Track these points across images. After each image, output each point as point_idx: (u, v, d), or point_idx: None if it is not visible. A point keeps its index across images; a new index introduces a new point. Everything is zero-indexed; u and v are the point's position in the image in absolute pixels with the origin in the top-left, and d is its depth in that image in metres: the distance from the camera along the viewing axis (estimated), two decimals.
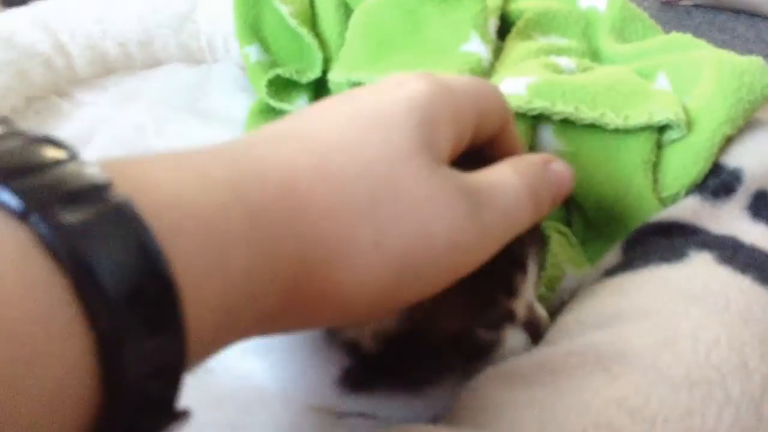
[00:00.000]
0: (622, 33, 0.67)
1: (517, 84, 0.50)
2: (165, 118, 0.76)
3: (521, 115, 0.49)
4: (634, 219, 0.47)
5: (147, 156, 0.24)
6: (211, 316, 0.22)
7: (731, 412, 0.30)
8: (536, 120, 0.50)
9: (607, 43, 0.64)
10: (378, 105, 0.29)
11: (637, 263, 0.41)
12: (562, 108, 0.47)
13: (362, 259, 0.26)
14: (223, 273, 0.22)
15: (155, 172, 0.23)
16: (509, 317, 0.37)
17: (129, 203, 0.20)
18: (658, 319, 0.35)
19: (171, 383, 0.20)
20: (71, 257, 0.18)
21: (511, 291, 0.37)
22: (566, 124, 0.49)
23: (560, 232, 0.49)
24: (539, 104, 0.48)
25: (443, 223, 0.28)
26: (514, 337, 0.38)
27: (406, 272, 0.27)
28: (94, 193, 0.19)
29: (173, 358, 0.20)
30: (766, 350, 0.33)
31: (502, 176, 0.31)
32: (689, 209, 0.45)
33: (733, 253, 0.40)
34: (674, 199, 0.47)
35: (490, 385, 0.34)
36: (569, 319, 0.39)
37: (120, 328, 0.18)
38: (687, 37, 0.59)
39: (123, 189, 0.20)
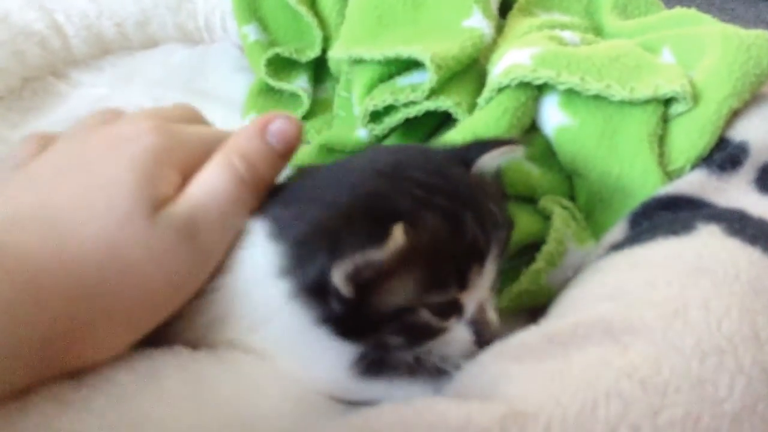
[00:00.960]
0: (624, 9, 0.66)
1: (522, 54, 0.49)
2: (163, 98, 0.75)
3: (524, 86, 0.49)
4: (640, 193, 0.47)
5: None
6: None
7: (743, 382, 0.30)
8: (540, 91, 0.50)
9: (609, 19, 0.64)
10: (106, 171, 0.33)
11: (645, 237, 0.41)
12: (568, 78, 0.47)
13: (100, 332, 0.31)
14: None
15: None
16: (457, 309, 0.37)
17: None
18: (667, 291, 0.35)
19: None
20: None
21: (463, 283, 0.36)
22: (571, 95, 0.49)
23: (564, 207, 0.48)
24: (544, 73, 0.47)
25: (166, 274, 0.32)
26: (459, 331, 0.38)
27: (140, 327, 0.33)
28: None
29: None
30: None
31: (211, 182, 0.34)
32: (696, 183, 0.44)
33: (741, 225, 0.39)
34: (680, 173, 0.47)
35: (499, 359, 0.34)
36: (575, 293, 0.38)
37: None
38: (691, 12, 0.58)
39: None
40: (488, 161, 0.39)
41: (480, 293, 0.38)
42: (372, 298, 0.35)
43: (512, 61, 0.49)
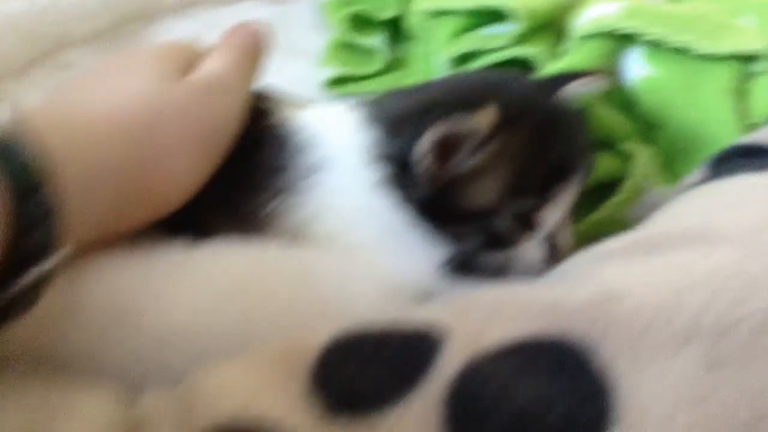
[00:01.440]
0: None
1: (610, 7, 0.51)
2: None
3: (609, 37, 0.51)
4: (717, 143, 0.48)
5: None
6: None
7: None
8: (623, 44, 0.51)
9: None
10: (135, 65, 0.42)
11: (725, 174, 0.42)
12: (654, 30, 0.49)
13: (166, 165, 0.38)
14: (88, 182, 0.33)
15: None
16: (534, 223, 0.39)
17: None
18: (751, 210, 0.36)
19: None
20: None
21: (545, 197, 0.39)
22: (655, 49, 0.50)
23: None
24: (632, 24, 0.49)
25: (200, 121, 0.39)
26: (532, 247, 0.40)
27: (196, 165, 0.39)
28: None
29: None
30: None
31: (214, 63, 0.42)
32: None
33: None
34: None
35: (583, 260, 0.36)
36: (658, 215, 0.40)
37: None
38: None
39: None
40: (574, 89, 0.41)
41: (558, 213, 0.39)
42: (455, 193, 0.37)
43: (600, 12, 0.51)
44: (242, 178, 0.41)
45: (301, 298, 0.38)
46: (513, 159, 0.37)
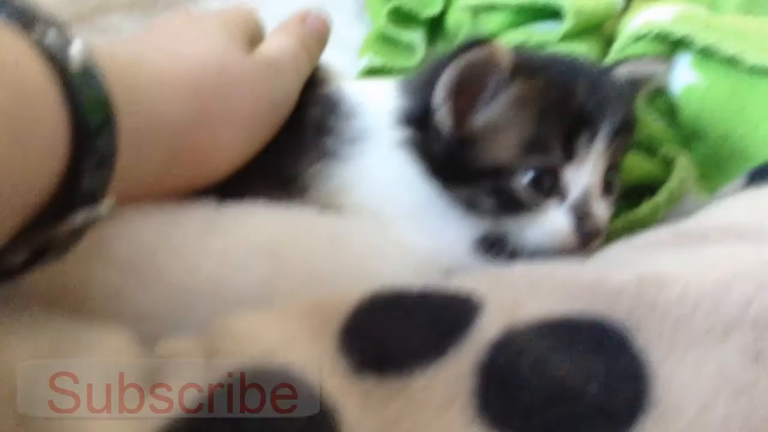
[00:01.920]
0: (749, 11, 0.67)
1: (665, 11, 0.51)
2: None
3: (660, 40, 0.50)
4: (758, 158, 0.47)
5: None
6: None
7: None
8: (674, 49, 0.51)
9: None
10: (206, 27, 0.41)
11: (762, 183, 0.41)
12: (707, 36, 0.48)
13: (220, 133, 0.37)
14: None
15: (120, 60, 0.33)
16: (558, 187, 0.37)
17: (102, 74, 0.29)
18: None
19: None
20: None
21: (569, 150, 0.37)
22: (705, 56, 0.50)
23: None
24: (684, 28, 0.48)
25: (263, 94, 0.39)
26: (557, 214, 0.38)
27: (249, 137, 0.39)
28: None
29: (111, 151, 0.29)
30: None
31: (282, 41, 0.43)
32: None
33: None
34: None
35: (630, 246, 0.35)
36: (702, 213, 0.39)
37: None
38: None
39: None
40: (630, 68, 0.41)
41: (587, 178, 0.38)
42: (473, 149, 0.37)
43: (653, 15, 0.51)
44: (289, 139, 0.40)
45: (330, 263, 0.37)
46: (530, 108, 0.36)
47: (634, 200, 0.47)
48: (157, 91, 0.34)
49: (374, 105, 0.42)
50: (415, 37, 0.77)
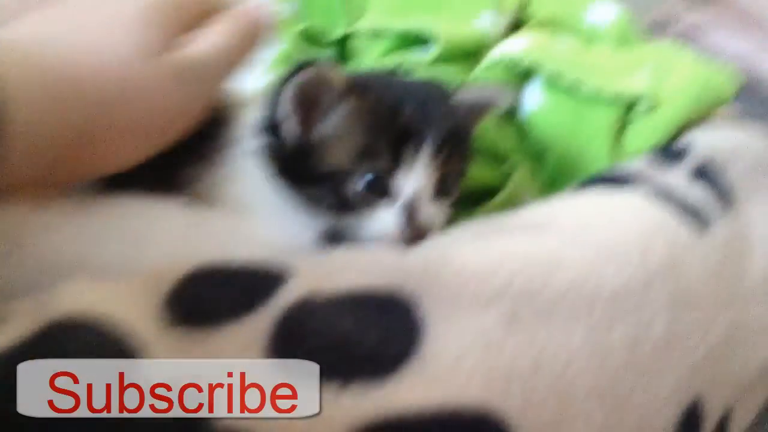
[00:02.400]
0: (619, 48, 0.75)
1: (517, 43, 0.58)
2: None
3: (512, 68, 0.57)
4: (590, 172, 0.54)
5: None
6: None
7: (624, 273, 0.37)
8: (526, 75, 0.57)
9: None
10: (121, 7, 0.39)
11: (579, 191, 0.48)
12: (548, 66, 0.55)
13: (112, 140, 0.38)
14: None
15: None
16: (387, 190, 0.43)
17: None
18: (583, 212, 0.42)
19: None
20: None
21: (397, 158, 0.42)
22: (550, 84, 0.56)
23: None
24: (531, 58, 0.55)
25: (164, 110, 0.38)
26: (388, 212, 0.43)
27: (140, 148, 0.39)
28: None
29: None
30: (669, 250, 0.40)
31: (213, 39, 0.40)
32: (637, 165, 0.52)
33: (664, 194, 0.46)
34: None
35: (439, 239, 0.41)
36: (514, 212, 0.45)
37: None
38: (676, 46, 0.66)
39: None
40: (472, 92, 0.47)
41: (414, 183, 0.43)
42: (313, 155, 0.43)
43: (507, 47, 0.57)
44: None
45: (187, 248, 0.42)
46: (362, 122, 0.42)
47: (474, 204, 0.53)
48: (53, 95, 0.35)
49: (244, 117, 0.47)
50: (321, 56, 0.83)
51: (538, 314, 0.34)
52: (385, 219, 0.43)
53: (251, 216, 0.45)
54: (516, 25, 0.75)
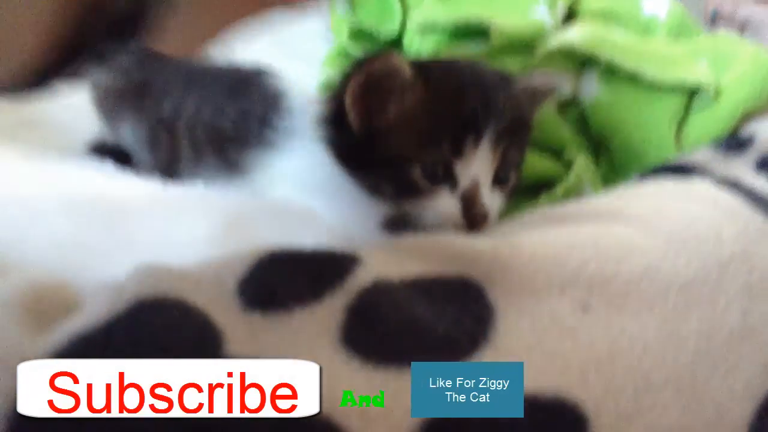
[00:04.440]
0: (676, 39, 0.74)
1: (574, 32, 0.57)
2: (251, 47, 0.84)
3: (569, 57, 0.56)
4: (654, 161, 0.53)
5: None
6: None
7: (698, 262, 0.36)
8: (583, 65, 0.57)
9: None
10: None
11: (646, 180, 0.47)
12: (609, 54, 0.54)
13: None
14: None
15: None
16: (448, 176, 0.43)
17: None
18: (652, 201, 0.41)
19: None
20: None
21: (458, 150, 0.43)
22: (609, 73, 0.56)
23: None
24: (590, 47, 0.54)
25: None
26: (447, 199, 0.43)
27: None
28: None
29: None
30: (743, 238, 0.39)
31: None
32: (702, 156, 0.51)
33: (731, 184, 0.45)
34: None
35: (505, 225, 0.41)
36: (579, 201, 0.45)
37: None
38: (733, 36, 0.65)
39: None
40: (531, 80, 0.46)
41: (475, 170, 0.43)
42: (376, 142, 0.43)
43: (564, 36, 0.57)
44: (236, 130, 0.46)
45: (256, 235, 0.43)
46: (427, 110, 0.42)
47: (536, 195, 0.52)
48: None
49: (306, 107, 0.48)
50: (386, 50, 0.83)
51: (611, 302, 0.34)
52: (445, 205, 0.43)
53: (315, 204, 0.45)
54: (568, 18, 0.75)
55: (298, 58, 0.86)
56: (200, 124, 0.51)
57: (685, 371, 0.34)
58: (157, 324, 0.29)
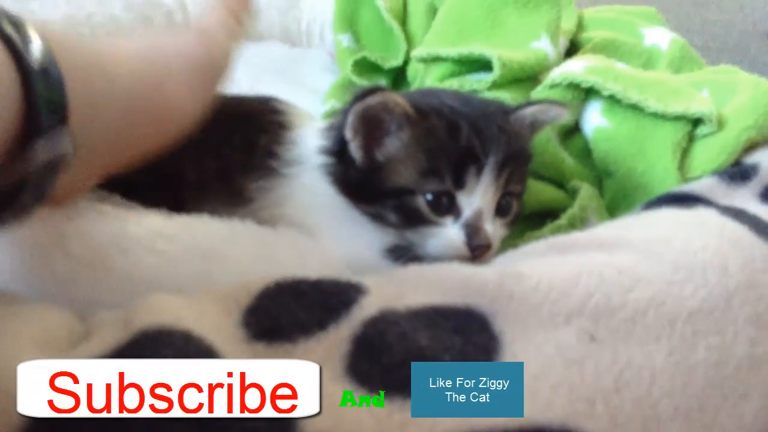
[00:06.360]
0: (678, 70, 0.74)
1: (577, 64, 0.57)
2: (259, 78, 0.85)
3: (573, 88, 0.56)
4: (656, 191, 0.53)
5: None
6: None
7: (704, 291, 0.36)
8: (587, 96, 0.57)
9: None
10: None
11: (651, 209, 0.47)
12: (612, 86, 0.55)
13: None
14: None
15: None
16: (452, 207, 0.44)
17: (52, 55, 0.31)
18: (657, 229, 0.41)
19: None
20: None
21: (460, 181, 0.43)
22: (612, 103, 0.56)
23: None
24: (593, 78, 0.55)
25: (202, 51, 0.40)
26: (452, 228, 0.44)
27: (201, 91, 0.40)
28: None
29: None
30: (749, 267, 0.38)
31: (213, 16, 0.43)
32: (706, 186, 0.51)
33: (736, 213, 0.45)
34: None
35: (508, 255, 0.41)
36: (583, 231, 0.45)
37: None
38: (733, 68, 0.66)
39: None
40: (531, 110, 0.47)
41: (478, 201, 0.44)
42: (380, 174, 0.44)
43: (568, 68, 0.57)
44: (241, 159, 0.47)
45: (256, 265, 0.43)
46: (424, 145, 0.43)
47: (542, 223, 0.52)
48: (99, 63, 0.35)
49: (309, 137, 0.48)
50: (381, 83, 0.84)
51: (618, 332, 0.34)
52: (448, 236, 0.44)
53: (318, 233, 0.46)
54: (570, 51, 0.76)
55: (299, 87, 0.87)
56: (205, 153, 0.52)
57: (695, 402, 0.33)
58: (161, 354, 0.29)
